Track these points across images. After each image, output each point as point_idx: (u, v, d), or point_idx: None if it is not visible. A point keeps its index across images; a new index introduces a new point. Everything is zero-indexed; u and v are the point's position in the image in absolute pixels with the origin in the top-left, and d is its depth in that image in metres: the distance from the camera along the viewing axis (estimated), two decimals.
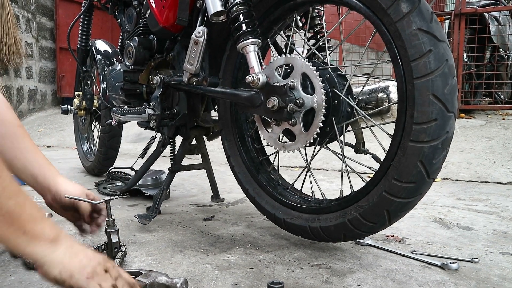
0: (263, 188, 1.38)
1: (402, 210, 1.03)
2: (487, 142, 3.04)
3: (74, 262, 0.69)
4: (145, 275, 0.95)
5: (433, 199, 2.01)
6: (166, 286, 0.92)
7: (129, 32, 1.70)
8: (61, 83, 6.48)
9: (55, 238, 0.69)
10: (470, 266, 1.14)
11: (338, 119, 1.16)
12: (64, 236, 0.71)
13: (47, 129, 5.53)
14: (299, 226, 1.23)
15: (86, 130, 2.69)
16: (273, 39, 1.45)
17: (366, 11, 1.04)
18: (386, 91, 3.21)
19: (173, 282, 0.91)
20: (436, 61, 0.93)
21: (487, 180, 2.52)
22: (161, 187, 1.60)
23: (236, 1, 1.20)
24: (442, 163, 0.99)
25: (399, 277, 1.05)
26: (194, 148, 1.72)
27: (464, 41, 4.10)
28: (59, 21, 6.37)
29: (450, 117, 0.95)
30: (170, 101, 1.59)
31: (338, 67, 1.22)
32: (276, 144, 1.25)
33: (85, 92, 2.44)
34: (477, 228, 1.53)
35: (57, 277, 0.68)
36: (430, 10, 0.96)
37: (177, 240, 1.32)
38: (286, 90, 1.12)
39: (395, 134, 1.02)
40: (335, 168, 2.94)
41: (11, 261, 1.11)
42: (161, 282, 0.92)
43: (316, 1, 1.23)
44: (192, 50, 1.30)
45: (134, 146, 4.13)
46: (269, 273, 1.07)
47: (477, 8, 4.12)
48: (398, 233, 1.44)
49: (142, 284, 0.91)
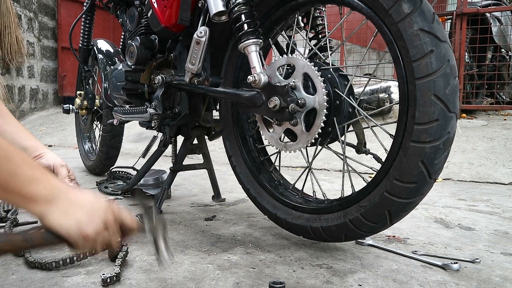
0: (264, 188, 1.38)
1: (404, 210, 1.03)
2: (488, 142, 3.03)
3: (71, 221, 0.69)
4: None
5: (434, 199, 2.01)
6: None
7: (131, 31, 1.71)
8: (63, 82, 6.49)
9: (52, 198, 0.69)
10: (471, 266, 1.14)
11: (340, 119, 1.16)
12: (62, 193, 0.70)
13: (49, 129, 5.54)
14: (300, 226, 1.23)
15: (88, 130, 2.70)
16: (274, 39, 1.45)
17: (368, 11, 1.04)
18: (388, 92, 3.20)
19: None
20: (437, 62, 0.93)
21: (488, 181, 2.52)
22: (163, 187, 1.60)
23: (238, 1, 1.20)
24: (444, 163, 0.99)
25: (400, 277, 1.05)
26: (195, 147, 1.73)
27: (465, 41, 4.09)
28: (61, 21, 6.38)
29: (452, 117, 0.95)
30: (171, 101, 1.60)
31: (339, 67, 1.22)
32: (277, 144, 1.25)
33: (87, 91, 2.45)
34: (479, 228, 1.53)
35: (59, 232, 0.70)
36: (432, 10, 0.96)
37: (179, 240, 1.33)
38: (288, 90, 1.12)
39: (396, 135, 1.02)
40: (336, 168, 2.94)
41: (13, 260, 1.12)
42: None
43: (317, 1, 1.23)
44: (194, 50, 1.30)
45: (136, 146, 4.14)
46: (270, 273, 1.07)
47: (479, 8, 4.11)
48: (399, 233, 1.44)
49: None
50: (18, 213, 1.61)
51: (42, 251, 1.18)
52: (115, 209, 0.75)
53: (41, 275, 1.03)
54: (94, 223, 0.70)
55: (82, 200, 0.72)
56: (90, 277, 1.02)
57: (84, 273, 1.04)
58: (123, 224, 0.76)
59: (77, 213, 0.70)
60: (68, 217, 0.69)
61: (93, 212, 0.71)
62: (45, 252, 1.19)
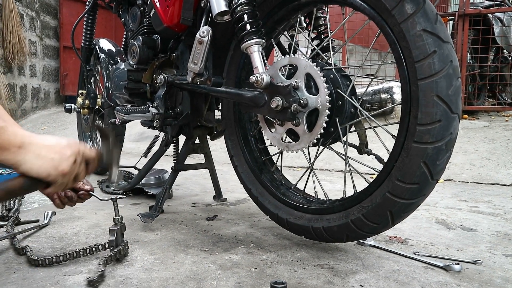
0: (266, 188, 1.38)
1: (405, 211, 1.03)
2: (490, 143, 3.03)
3: (47, 163, 0.76)
4: None
5: (436, 200, 2.01)
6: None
7: (133, 31, 1.71)
8: (65, 81, 6.50)
9: (22, 144, 0.74)
10: (473, 267, 1.14)
11: (342, 120, 1.16)
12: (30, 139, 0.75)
13: (50, 127, 5.54)
14: (301, 226, 1.23)
15: (89, 129, 2.70)
16: (277, 39, 1.45)
17: (371, 11, 1.04)
18: (390, 92, 3.20)
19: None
20: (440, 62, 0.92)
21: (490, 182, 2.51)
22: (164, 186, 1.60)
23: (240, 1, 1.20)
24: (446, 164, 0.99)
25: (401, 278, 1.05)
26: (197, 147, 1.73)
27: (467, 42, 4.09)
28: (63, 20, 6.39)
29: (454, 118, 0.95)
30: (173, 101, 1.59)
31: (342, 67, 1.22)
32: (279, 144, 1.25)
33: (89, 90, 2.45)
34: (480, 229, 1.52)
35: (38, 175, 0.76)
36: (435, 11, 0.96)
37: (180, 239, 1.33)
38: (290, 90, 1.12)
39: (398, 135, 1.02)
40: (337, 168, 2.94)
41: (15, 259, 1.12)
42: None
43: (320, 1, 1.23)
44: (196, 50, 1.30)
45: (137, 145, 4.14)
46: (271, 273, 1.07)
47: (481, 9, 4.11)
48: (400, 234, 1.44)
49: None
50: (20, 211, 1.62)
51: (43, 250, 1.19)
52: (77, 144, 0.82)
53: (43, 273, 1.03)
54: (67, 159, 0.79)
55: (49, 142, 0.78)
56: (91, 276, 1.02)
57: (85, 272, 1.04)
58: (86, 156, 0.84)
59: (50, 155, 0.76)
60: (44, 159, 0.75)
61: (62, 150, 0.79)
62: (47, 251, 1.19)
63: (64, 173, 0.78)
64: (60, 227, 1.44)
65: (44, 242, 1.27)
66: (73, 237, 1.33)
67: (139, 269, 1.08)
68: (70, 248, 1.21)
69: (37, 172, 0.75)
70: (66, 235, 1.34)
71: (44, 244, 1.25)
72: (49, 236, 1.33)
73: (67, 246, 1.23)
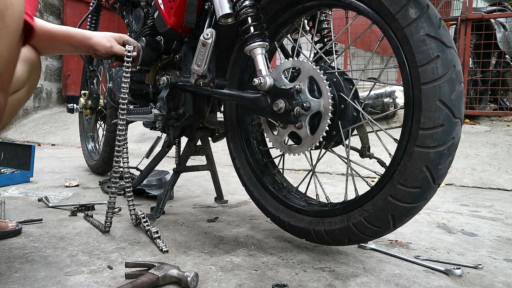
0: (267, 190, 1.38)
1: (407, 215, 1.03)
2: (491, 148, 3.03)
3: (105, 39, 1.39)
4: (157, 268, 1.00)
5: (437, 204, 2.01)
6: (178, 279, 0.97)
7: (137, 32, 1.72)
8: (67, 81, 6.51)
9: (92, 35, 1.37)
10: (474, 272, 1.14)
11: (344, 123, 1.17)
12: (95, 33, 1.39)
13: (52, 127, 5.55)
14: (303, 229, 1.24)
15: (91, 129, 2.71)
16: (280, 42, 1.45)
17: (374, 16, 1.04)
18: (393, 96, 3.22)
19: (184, 276, 0.96)
20: (443, 67, 0.93)
21: (491, 187, 2.51)
22: (165, 188, 1.61)
23: (244, 4, 1.20)
24: (448, 168, 0.99)
25: (402, 282, 1.05)
26: (199, 149, 1.73)
27: (470, 47, 4.10)
28: (66, 20, 6.41)
29: (457, 123, 0.95)
30: (176, 102, 1.60)
31: (345, 71, 1.22)
32: (281, 147, 1.25)
33: (91, 91, 2.46)
34: (481, 234, 1.52)
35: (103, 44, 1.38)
36: (439, 16, 0.96)
37: (181, 241, 1.33)
38: (293, 93, 1.13)
39: (401, 139, 1.02)
40: (338, 171, 2.94)
41: (17, 258, 1.12)
42: (172, 275, 0.97)
43: (324, 5, 1.24)
44: (200, 52, 1.31)
45: (139, 146, 4.14)
46: (272, 275, 1.07)
47: (484, 14, 4.12)
48: (401, 238, 1.44)
49: (154, 277, 0.96)
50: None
51: None
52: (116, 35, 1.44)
53: (44, 273, 1.03)
54: (113, 38, 1.41)
55: (103, 33, 1.41)
56: (93, 276, 1.02)
57: (87, 272, 1.05)
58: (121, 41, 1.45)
59: (106, 36, 1.40)
60: (104, 38, 1.38)
61: (110, 36, 1.41)
62: (48, 251, 1.19)
63: (113, 43, 1.40)
64: (61, 227, 1.44)
65: (45, 242, 1.27)
66: (74, 237, 1.33)
67: None
68: (72, 248, 1.21)
69: (102, 43, 1.37)
70: (67, 235, 1.34)
71: (46, 244, 1.25)
72: (50, 236, 1.33)
73: (69, 246, 1.23)
